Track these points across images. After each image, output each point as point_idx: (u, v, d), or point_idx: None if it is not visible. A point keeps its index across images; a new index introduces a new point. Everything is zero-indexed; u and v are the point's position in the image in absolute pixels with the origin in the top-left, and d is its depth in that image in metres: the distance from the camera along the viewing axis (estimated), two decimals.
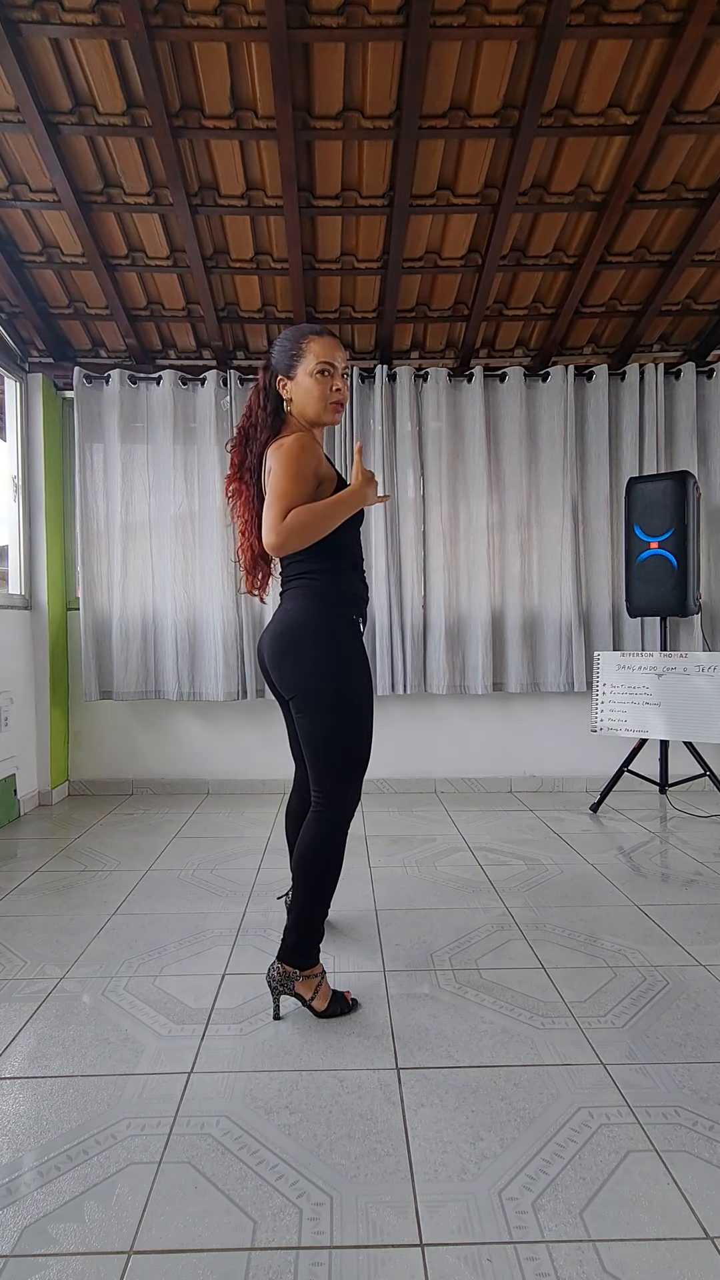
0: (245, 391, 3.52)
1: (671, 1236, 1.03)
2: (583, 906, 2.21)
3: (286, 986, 1.57)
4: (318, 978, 1.60)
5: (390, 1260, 1.00)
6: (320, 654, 1.54)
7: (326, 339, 1.59)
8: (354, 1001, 1.64)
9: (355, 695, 1.56)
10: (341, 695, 1.54)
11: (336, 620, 1.57)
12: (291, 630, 1.57)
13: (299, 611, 1.58)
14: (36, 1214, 1.07)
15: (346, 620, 1.59)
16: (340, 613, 1.58)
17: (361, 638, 1.62)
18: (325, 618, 1.56)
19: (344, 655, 1.56)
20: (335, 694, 1.54)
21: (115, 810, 3.36)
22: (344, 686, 1.55)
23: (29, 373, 3.50)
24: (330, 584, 1.59)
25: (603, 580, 3.57)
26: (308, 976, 1.58)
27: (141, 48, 2.15)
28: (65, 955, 1.90)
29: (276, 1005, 1.60)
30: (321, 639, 1.55)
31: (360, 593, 1.65)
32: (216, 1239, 1.03)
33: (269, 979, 1.59)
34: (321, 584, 1.58)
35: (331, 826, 1.58)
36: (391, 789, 3.66)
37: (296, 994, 1.58)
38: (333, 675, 1.54)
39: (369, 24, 2.16)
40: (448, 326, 3.47)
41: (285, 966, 1.58)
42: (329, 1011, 1.59)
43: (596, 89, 2.37)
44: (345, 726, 1.55)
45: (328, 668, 1.54)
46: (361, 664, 1.59)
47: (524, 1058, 1.44)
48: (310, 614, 1.56)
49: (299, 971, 1.57)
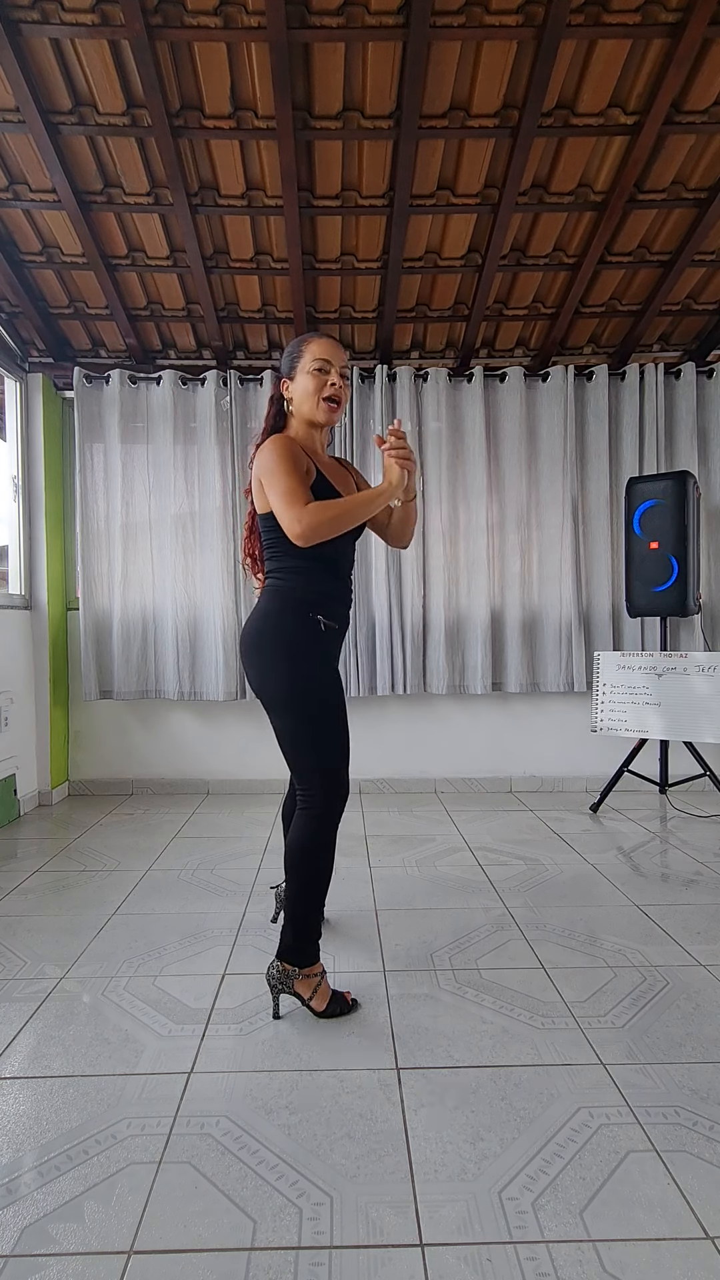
0: (245, 391, 3.52)
1: (671, 1236, 1.03)
2: (583, 906, 2.21)
3: (285, 985, 1.58)
4: (317, 977, 1.60)
5: (390, 1260, 1.00)
6: (278, 655, 1.57)
7: (324, 340, 1.63)
8: (354, 1001, 1.64)
9: (316, 694, 1.57)
10: (302, 695, 1.56)
11: (293, 620, 1.58)
12: (253, 633, 1.61)
13: (260, 614, 1.62)
14: (36, 1214, 1.07)
15: (304, 620, 1.58)
16: (299, 613, 1.58)
17: (325, 636, 1.61)
18: (283, 619, 1.59)
19: (302, 656, 1.57)
20: (295, 694, 1.56)
21: (115, 810, 3.36)
22: (303, 686, 1.56)
23: (29, 373, 3.50)
24: (294, 585, 1.60)
25: (603, 580, 3.57)
26: (307, 975, 1.58)
27: (141, 48, 2.15)
28: (65, 955, 1.90)
29: (276, 1004, 1.60)
30: (279, 640, 1.57)
31: (329, 591, 1.64)
32: (216, 1239, 1.03)
33: (268, 977, 1.59)
34: (285, 585, 1.61)
35: (316, 823, 1.58)
36: (391, 789, 3.66)
37: (295, 993, 1.58)
38: (291, 676, 1.56)
39: (369, 24, 2.16)
40: (448, 326, 3.47)
41: (284, 964, 1.58)
42: (328, 1011, 1.59)
43: (596, 89, 2.37)
44: (310, 725, 1.57)
45: (286, 668, 1.56)
46: (321, 662, 1.59)
47: (524, 1058, 1.44)
48: (269, 616, 1.60)
49: (298, 970, 1.58)
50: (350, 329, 3.47)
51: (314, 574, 1.61)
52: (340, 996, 1.62)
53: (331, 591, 1.65)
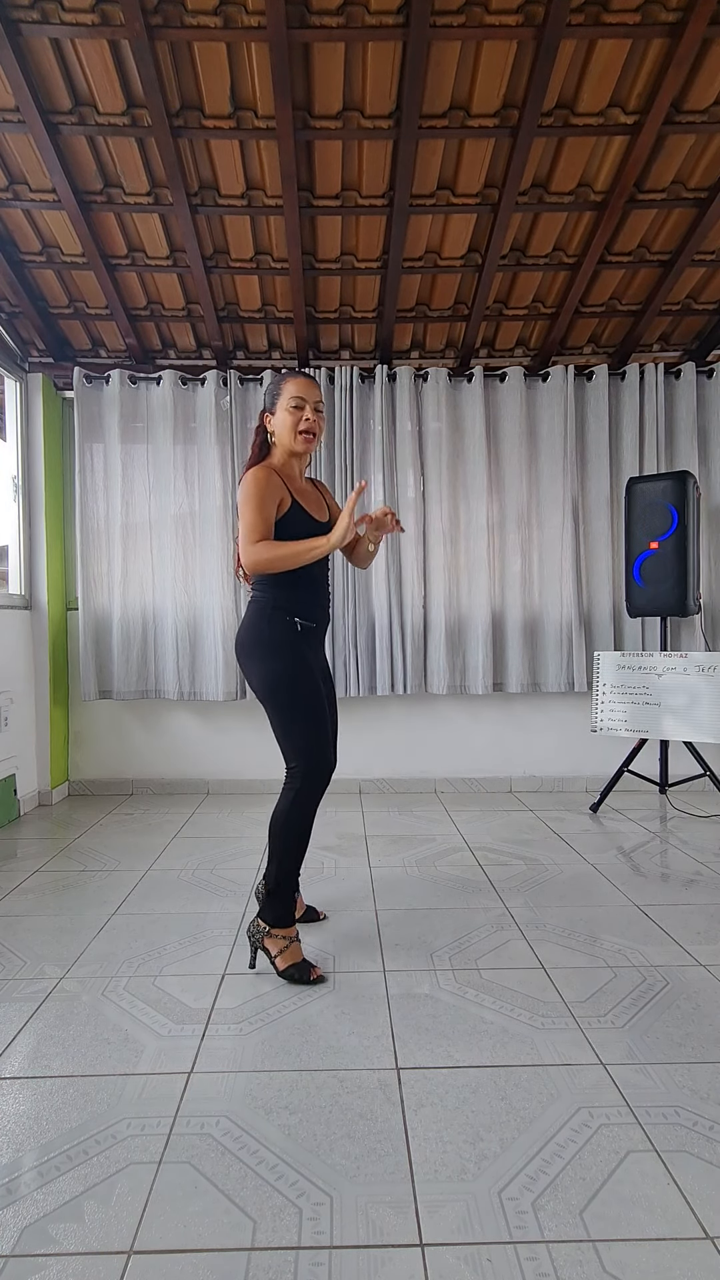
0: (245, 391, 3.52)
1: (671, 1236, 1.03)
2: (583, 906, 2.21)
3: (257, 939, 1.78)
4: (287, 940, 1.77)
5: (390, 1260, 1.00)
6: (260, 659, 1.80)
7: (301, 379, 1.84)
8: (318, 978, 1.75)
9: (293, 687, 1.79)
10: (281, 688, 1.79)
11: (269, 626, 1.81)
12: (241, 640, 1.86)
13: (246, 624, 1.86)
14: (36, 1214, 1.07)
15: (280, 624, 1.81)
16: (275, 618, 1.81)
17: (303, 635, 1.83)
18: (260, 627, 1.81)
19: (278, 656, 1.79)
20: (276, 689, 1.79)
21: (115, 810, 3.36)
22: (281, 681, 1.79)
23: (29, 373, 3.50)
24: (271, 596, 1.82)
25: (603, 580, 3.57)
26: (275, 936, 1.77)
27: (141, 48, 2.15)
28: (65, 955, 1.90)
29: (253, 956, 1.80)
30: (260, 646, 1.81)
31: (303, 599, 1.85)
32: (216, 1239, 1.03)
33: (248, 931, 1.81)
34: (264, 596, 1.83)
35: (294, 795, 1.77)
36: (391, 789, 3.66)
37: (264, 948, 1.78)
38: (271, 673, 1.79)
39: (369, 24, 2.16)
40: (448, 326, 3.47)
41: (259, 920, 1.80)
42: (287, 973, 1.74)
43: (596, 89, 2.37)
44: (288, 711, 1.79)
45: (267, 667, 1.80)
46: (298, 660, 1.80)
47: (524, 1058, 1.44)
48: (253, 626, 1.83)
49: (269, 927, 1.77)
50: (350, 329, 3.47)
51: (287, 586, 1.82)
52: (305, 965, 1.75)
53: (305, 599, 1.86)
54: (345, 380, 3.49)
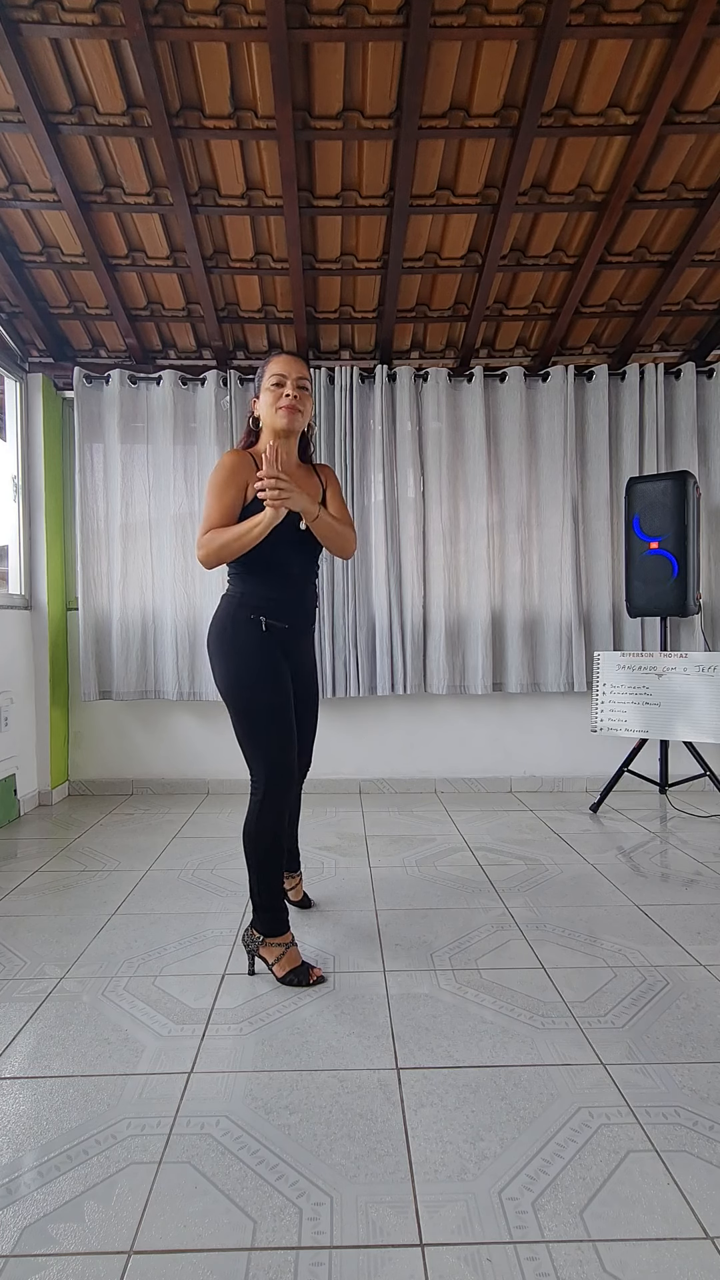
0: (245, 391, 3.52)
1: (671, 1236, 1.03)
2: (583, 906, 2.21)
3: (253, 948, 1.77)
4: (282, 947, 1.75)
5: (390, 1260, 1.00)
6: (222, 657, 1.77)
7: (282, 356, 1.81)
8: (319, 979, 1.74)
9: (251, 691, 1.74)
10: (240, 690, 1.75)
11: (233, 624, 1.77)
12: (209, 636, 1.83)
13: (214, 620, 1.82)
14: (36, 1214, 1.07)
15: (241, 621, 1.77)
16: (238, 616, 1.77)
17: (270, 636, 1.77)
18: (225, 624, 1.79)
19: (240, 655, 1.76)
20: (236, 690, 1.75)
21: (115, 810, 3.36)
22: (242, 683, 1.75)
23: (29, 373, 3.50)
24: (236, 591, 1.80)
25: (603, 580, 3.57)
26: (270, 945, 1.76)
27: (141, 48, 2.15)
28: (65, 955, 1.90)
29: (251, 963, 1.79)
30: (224, 643, 1.78)
31: (270, 595, 1.79)
32: (216, 1239, 1.03)
33: (243, 939, 1.80)
34: (230, 591, 1.82)
35: (257, 807, 1.74)
36: (391, 789, 3.66)
37: (262, 957, 1.77)
38: (232, 673, 1.76)
39: (369, 24, 2.16)
40: (448, 326, 3.47)
41: (253, 930, 1.78)
42: (286, 978, 1.73)
43: (596, 89, 2.37)
44: (246, 717, 1.75)
45: (228, 666, 1.76)
46: (257, 660, 1.75)
47: (524, 1058, 1.44)
48: (217, 622, 1.81)
49: (263, 937, 1.76)
50: (350, 329, 3.47)
51: (253, 580, 1.79)
52: (304, 969, 1.74)
53: (274, 596, 1.79)
54: (345, 380, 3.49)
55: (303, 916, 2.13)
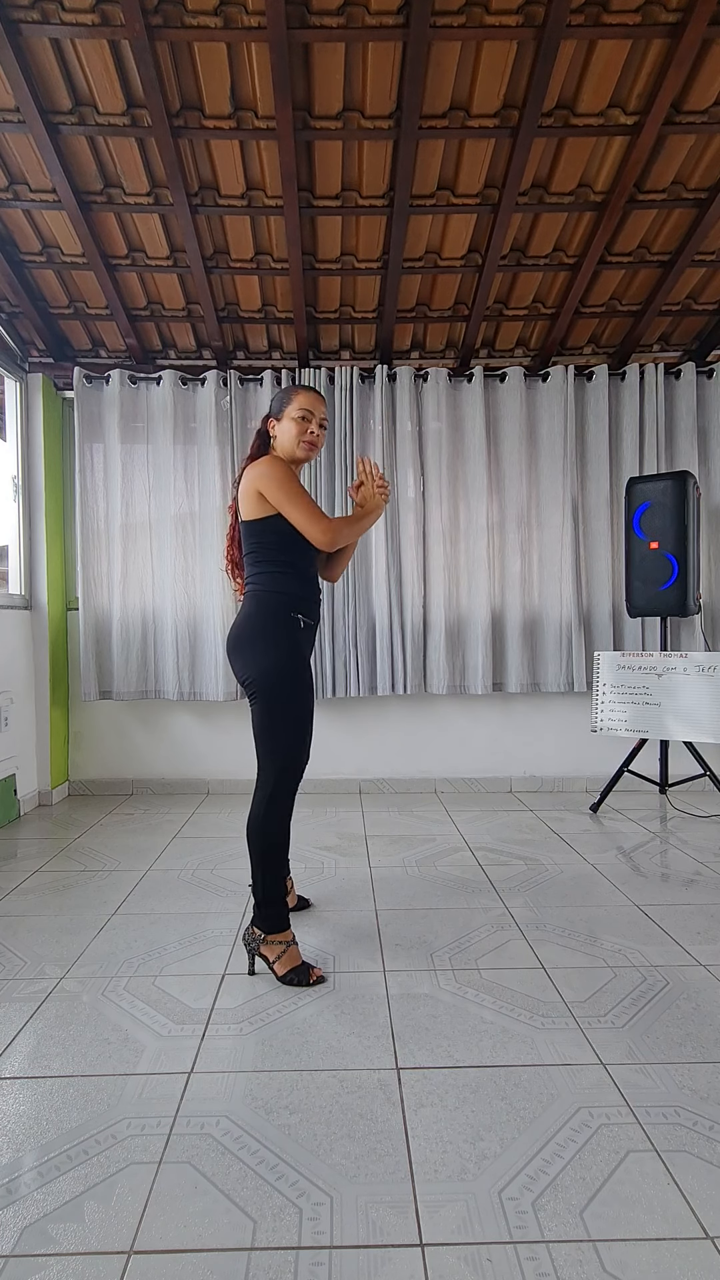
0: (245, 392, 3.52)
1: (671, 1236, 1.03)
2: (583, 906, 2.21)
3: (253, 946, 1.77)
4: (283, 945, 1.76)
5: (390, 1260, 1.00)
6: (258, 651, 1.79)
7: (311, 394, 1.88)
8: (319, 979, 1.74)
9: (291, 684, 1.78)
10: (281, 684, 1.77)
11: (271, 620, 1.80)
12: (239, 631, 1.84)
13: (244, 615, 1.84)
14: (36, 1214, 1.07)
15: (282, 619, 1.80)
16: (277, 614, 1.80)
17: (300, 633, 1.82)
18: (263, 619, 1.80)
19: (280, 650, 1.78)
20: (275, 684, 1.77)
21: (115, 810, 3.36)
22: (283, 677, 1.77)
23: (29, 373, 3.50)
24: (272, 588, 1.82)
25: (603, 580, 3.57)
26: (272, 942, 1.76)
27: (141, 48, 2.15)
28: (65, 955, 1.90)
29: (251, 962, 1.79)
30: (259, 638, 1.79)
31: (298, 592, 1.84)
32: (216, 1239, 1.03)
33: (244, 938, 1.80)
34: (264, 590, 1.83)
35: (263, 802, 1.77)
36: (391, 789, 3.66)
37: (262, 955, 1.77)
38: (266, 668, 1.77)
39: (369, 24, 2.16)
40: (448, 326, 3.47)
41: (254, 928, 1.79)
42: (287, 978, 1.73)
43: (596, 89, 2.37)
44: (275, 713, 1.77)
45: (263, 661, 1.78)
46: (294, 660, 1.79)
47: (524, 1058, 1.44)
48: (251, 617, 1.82)
49: (264, 935, 1.77)
50: (350, 329, 3.47)
51: (288, 577, 1.83)
52: (305, 968, 1.75)
53: (303, 592, 1.86)
54: (345, 380, 3.49)
55: (303, 916, 2.13)
